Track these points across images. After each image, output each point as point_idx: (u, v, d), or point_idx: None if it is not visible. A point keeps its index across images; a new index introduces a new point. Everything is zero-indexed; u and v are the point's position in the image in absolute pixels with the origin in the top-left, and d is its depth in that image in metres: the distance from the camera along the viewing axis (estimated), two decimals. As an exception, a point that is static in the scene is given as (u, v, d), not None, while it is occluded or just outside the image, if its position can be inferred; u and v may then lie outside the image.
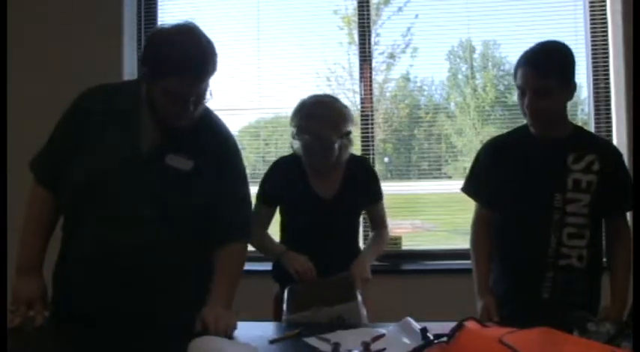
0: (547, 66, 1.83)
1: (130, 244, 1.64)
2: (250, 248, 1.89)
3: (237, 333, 1.63)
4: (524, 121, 1.96)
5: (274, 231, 2.28)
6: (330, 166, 2.14)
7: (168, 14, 3.53)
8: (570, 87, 1.87)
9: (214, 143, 1.76)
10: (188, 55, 1.56)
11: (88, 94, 1.76)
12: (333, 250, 2.12)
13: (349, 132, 2.12)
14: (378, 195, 2.27)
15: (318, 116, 2.06)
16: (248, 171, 3.57)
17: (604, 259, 1.99)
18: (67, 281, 1.74)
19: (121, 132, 1.68)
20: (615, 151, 1.99)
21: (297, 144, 2.11)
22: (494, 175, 2.01)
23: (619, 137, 3.09)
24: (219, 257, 1.74)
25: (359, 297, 1.91)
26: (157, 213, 1.66)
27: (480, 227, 2.07)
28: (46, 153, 1.78)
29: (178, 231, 1.68)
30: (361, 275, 2.03)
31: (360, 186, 2.20)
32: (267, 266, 2.32)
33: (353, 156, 2.26)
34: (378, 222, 2.31)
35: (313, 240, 2.14)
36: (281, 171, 2.22)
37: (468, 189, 2.11)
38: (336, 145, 2.07)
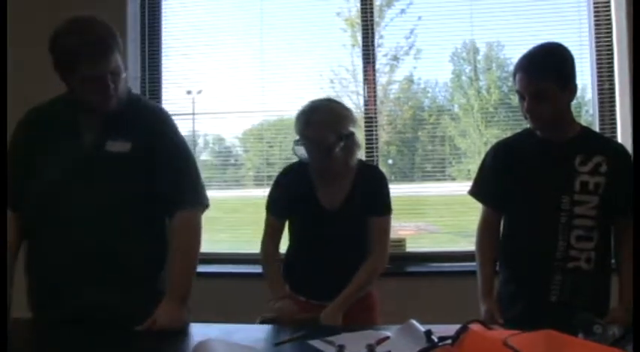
0: (542, 69, 1.83)
1: (92, 241, 1.72)
2: (250, 250, 1.89)
3: (241, 336, 1.62)
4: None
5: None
6: (336, 171, 2.08)
7: (171, 18, 3.54)
8: (569, 88, 1.86)
9: (148, 120, 1.85)
10: (85, 39, 1.65)
11: (25, 121, 1.87)
12: (340, 261, 2.06)
13: (351, 134, 2.04)
14: (381, 207, 2.11)
15: (314, 121, 2.00)
16: (251, 173, 3.64)
17: (613, 261, 1.98)
18: (41, 288, 1.81)
19: (63, 139, 1.79)
20: (624, 152, 1.97)
21: (300, 150, 2.06)
22: (501, 178, 2.00)
23: (624, 138, 3.08)
24: (171, 234, 1.79)
25: None
26: (110, 201, 1.74)
27: (486, 230, 2.07)
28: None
29: (135, 215, 1.76)
30: (328, 323, 1.92)
31: (367, 196, 2.09)
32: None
33: (365, 164, 2.20)
34: (375, 242, 2.10)
35: (318, 251, 2.10)
36: (287, 181, 2.18)
37: (475, 192, 2.10)
38: (337, 148, 2.01)
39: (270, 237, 2.17)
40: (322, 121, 2.01)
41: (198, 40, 3.52)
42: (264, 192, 3.36)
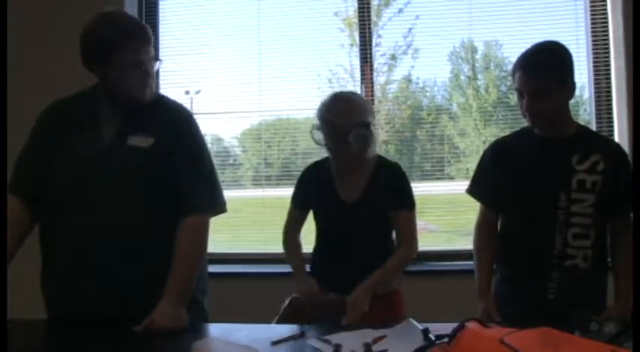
0: (542, 68, 1.83)
1: (104, 235, 1.72)
2: (248, 250, 1.89)
3: (240, 335, 1.63)
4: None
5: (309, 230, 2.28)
6: (351, 158, 2.12)
7: (168, 18, 3.55)
8: (568, 86, 1.87)
9: (171, 118, 1.85)
10: (127, 27, 1.73)
11: (47, 113, 1.88)
12: (361, 253, 2.10)
13: (367, 124, 2.09)
14: (403, 201, 2.15)
15: (334, 106, 2.11)
16: (250, 173, 3.65)
17: (609, 259, 1.98)
18: (57, 284, 1.80)
19: (84, 134, 1.79)
20: (620, 151, 1.98)
21: (318, 134, 2.15)
22: (498, 176, 2.01)
23: (620, 136, 3.08)
24: (178, 237, 1.77)
25: (343, 323, 1.90)
26: (125, 197, 1.74)
27: (484, 228, 2.07)
28: (20, 171, 1.85)
29: (149, 212, 1.76)
30: (355, 307, 1.97)
31: (386, 191, 2.13)
32: (273, 268, 2.31)
33: (384, 159, 2.25)
34: (401, 236, 2.16)
35: (340, 243, 2.15)
36: (309, 175, 2.27)
37: (473, 190, 2.11)
38: (352, 134, 2.05)
39: (291, 225, 2.26)
40: (341, 107, 2.10)
41: (196, 40, 3.52)
42: (262, 192, 3.39)
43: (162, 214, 1.78)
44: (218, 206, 1.92)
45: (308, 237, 2.28)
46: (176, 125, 1.84)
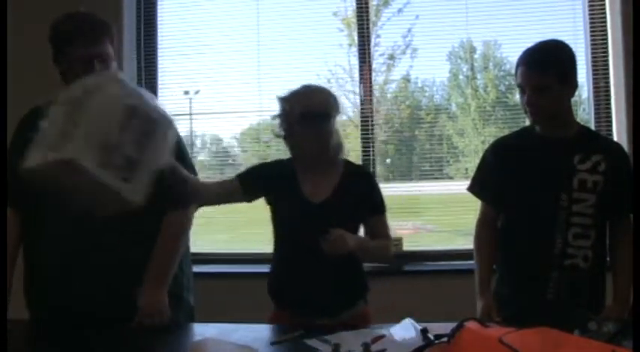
0: (545, 64, 1.84)
1: (85, 236, 1.75)
2: (247, 250, 1.89)
3: (238, 336, 1.63)
4: (526, 121, 1.95)
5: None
6: (310, 153, 1.97)
7: (167, 18, 3.54)
8: (570, 84, 1.87)
9: None
10: (78, 23, 1.81)
11: (25, 118, 1.92)
12: (328, 262, 1.82)
13: (324, 114, 1.94)
14: (378, 206, 2.03)
15: (289, 94, 2.01)
16: (249, 173, 3.62)
17: (608, 259, 1.98)
18: (44, 287, 1.82)
19: None
20: (622, 152, 1.99)
21: (276, 127, 2.03)
22: (500, 175, 2.01)
23: (619, 136, 3.08)
24: (161, 230, 1.82)
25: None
26: None
27: (485, 227, 2.07)
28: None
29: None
30: (338, 237, 1.78)
31: (357, 195, 1.97)
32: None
33: (352, 164, 2.10)
34: (381, 236, 2.03)
35: (304, 249, 1.89)
36: (273, 167, 2.07)
37: (474, 188, 2.11)
38: (300, 123, 1.92)
39: (220, 186, 2.04)
40: (296, 93, 2.00)
41: (195, 40, 3.52)
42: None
43: (146, 212, 1.78)
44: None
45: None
46: None
